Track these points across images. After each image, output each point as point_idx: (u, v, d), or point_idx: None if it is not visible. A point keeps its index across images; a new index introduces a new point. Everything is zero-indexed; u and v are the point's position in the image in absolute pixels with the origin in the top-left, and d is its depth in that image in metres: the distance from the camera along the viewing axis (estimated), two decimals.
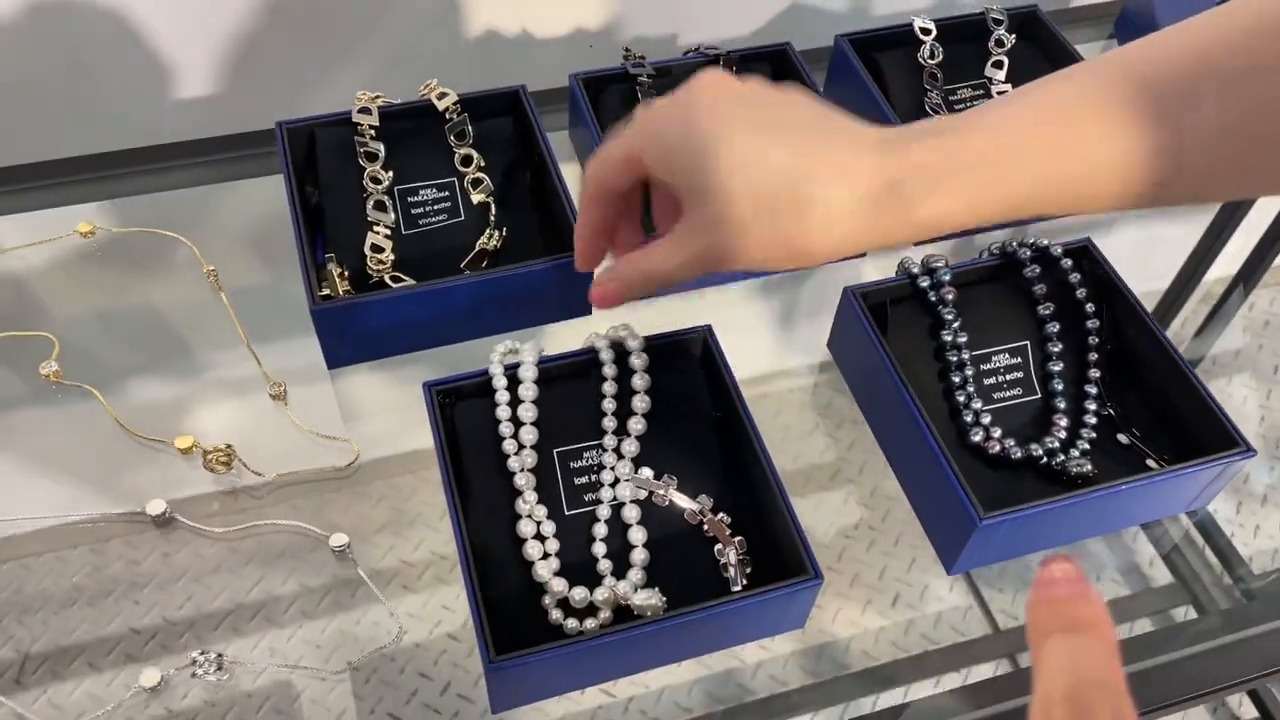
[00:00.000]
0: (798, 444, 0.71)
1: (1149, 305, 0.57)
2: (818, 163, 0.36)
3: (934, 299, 0.55)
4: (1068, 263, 0.57)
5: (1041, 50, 0.71)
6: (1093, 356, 0.56)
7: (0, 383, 0.61)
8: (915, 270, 0.56)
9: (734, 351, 0.54)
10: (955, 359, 0.55)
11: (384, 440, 0.60)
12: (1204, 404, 0.52)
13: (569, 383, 0.53)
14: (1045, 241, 0.57)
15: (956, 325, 0.55)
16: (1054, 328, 0.56)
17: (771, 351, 0.70)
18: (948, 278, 0.55)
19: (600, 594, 0.48)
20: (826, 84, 0.71)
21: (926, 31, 0.70)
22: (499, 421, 0.51)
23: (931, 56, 0.70)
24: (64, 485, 0.57)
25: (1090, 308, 0.56)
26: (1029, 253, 0.57)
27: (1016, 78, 0.70)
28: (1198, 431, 0.53)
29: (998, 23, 0.71)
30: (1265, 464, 0.66)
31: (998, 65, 0.70)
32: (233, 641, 0.53)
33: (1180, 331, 0.72)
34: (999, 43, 0.71)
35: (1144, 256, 0.81)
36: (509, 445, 0.50)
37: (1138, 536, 0.75)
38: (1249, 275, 0.73)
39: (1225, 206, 0.76)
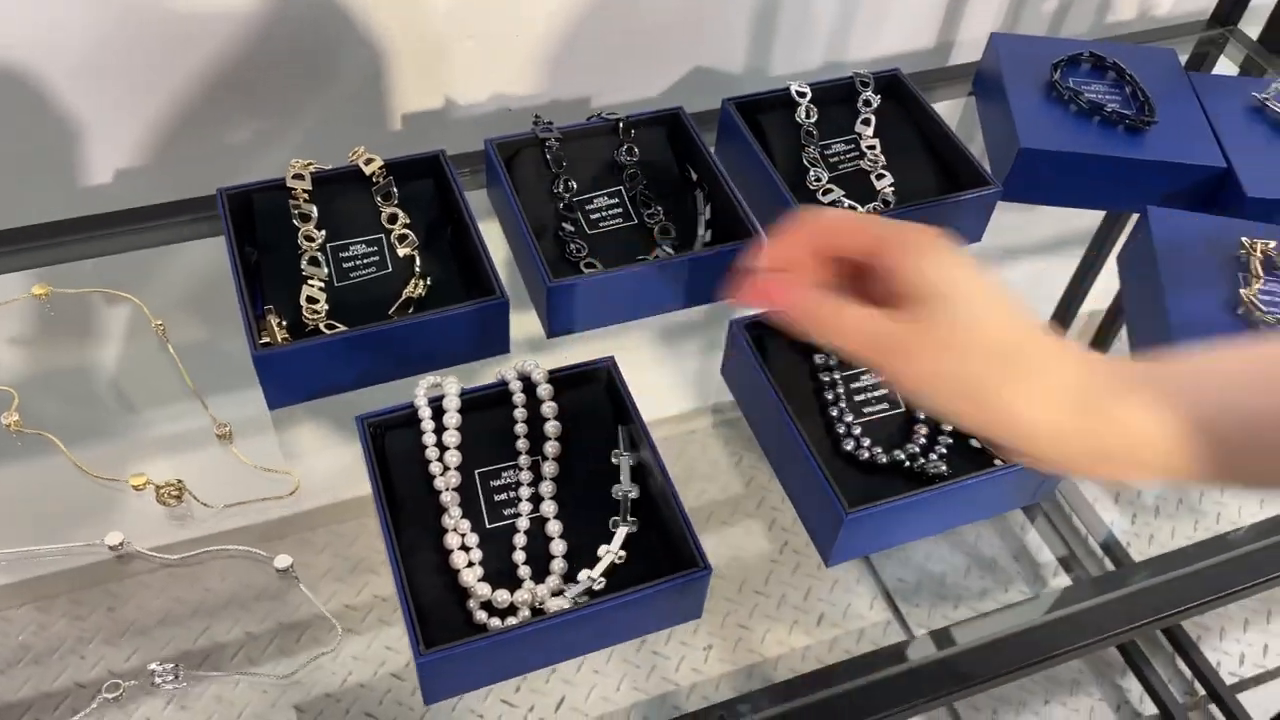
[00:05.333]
0: (726, 475, 0.77)
1: None
2: (1034, 353, 0.39)
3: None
4: None
5: (904, 108, 0.80)
6: None
7: None
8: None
9: (644, 389, 0.61)
10: (828, 379, 0.63)
11: (325, 488, 0.66)
12: None
13: (486, 412, 0.60)
14: None
15: (828, 350, 0.63)
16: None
17: (680, 389, 0.77)
18: None
19: (520, 596, 0.54)
20: (717, 143, 0.80)
21: (802, 94, 0.79)
22: (425, 447, 0.58)
23: (808, 116, 0.79)
24: (24, 524, 0.62)
25: None
26: None
27: (882, 133, 0.79)
28: None
29: (864, 85, 0.80)
30: None
31: (865, 123, 0.79)
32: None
33: None
34: (866, 103, 0.80)
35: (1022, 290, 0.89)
36: (435, 468, 0.57)
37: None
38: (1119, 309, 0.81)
39: (1096, 241, 0.84)
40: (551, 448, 0.59)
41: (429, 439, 0.58)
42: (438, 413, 0.58)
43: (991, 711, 1.31)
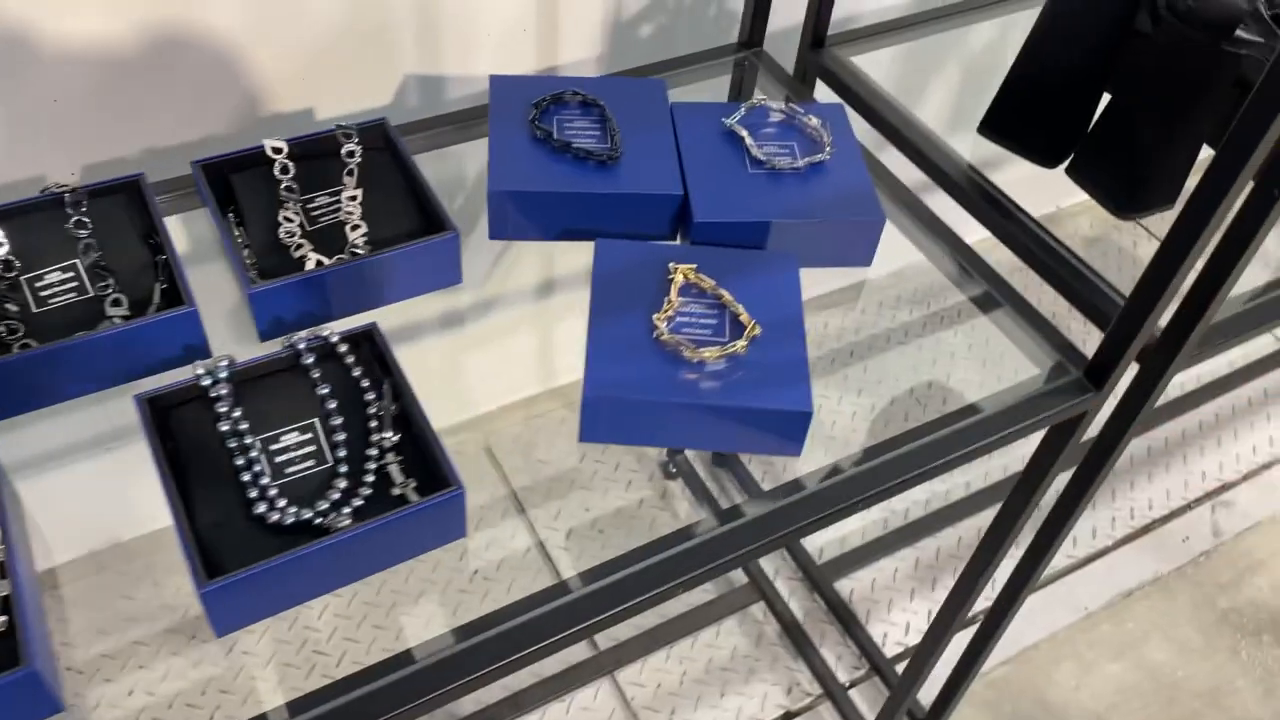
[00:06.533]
0: None
1: None
2: None
3: (213, 395, 0.64)
4: (344, 348, 0.67)
5: (389, 157, 0.82)
6: (373, 424, 0.66)
7: None
8: (200, 371, 0.64)
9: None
10: (237, 444, 0.64)
11: None
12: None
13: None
14: (326, 332, 0.68)
15: (237, 414, 0.64)
16: (333, 404, 0.66)
17: None
18: (224, 374, 0.64)
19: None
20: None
21: (278, 150, 0.79)
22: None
23: (285, 172, 0.79)
24: None
25: (366, 383, 0.67)
26: (304, 344, 0.67)
27: (367, 182, 0.80)
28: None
29: (348, 136, 0.81)
30: None
31: (350, 174, 0.81)
32: None
33: None
34: (350, 154, 0.81)
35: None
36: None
37: None
38: None
39: None
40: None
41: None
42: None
43: (670, 711, 1.36)
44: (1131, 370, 0.82)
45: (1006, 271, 0.91)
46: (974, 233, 0.93)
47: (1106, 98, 0.92)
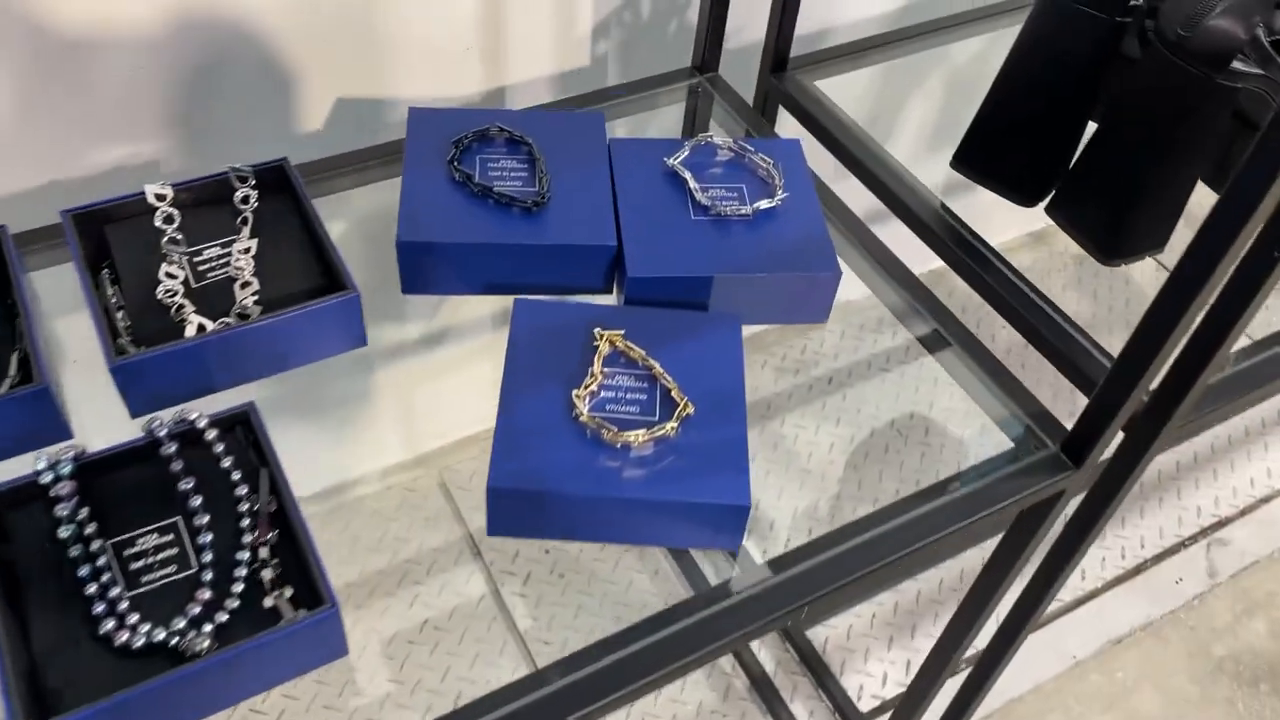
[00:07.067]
0: None
1: None
2: None
3: (54, 496, 0.55)
4: (213, 433, 0.58)
5: (289, 201, 0.74)
6: (245, 523, 0.58)
7: None
8: (40, 465, 0.56)
9: None
10: (82, 551, 0.55)
11: None
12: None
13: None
14: (194, 416, 0.59)
15: (83, 515, 0.55)
16: (199, 500, 0.57)
17: None
18: (68, 469, 0.56)
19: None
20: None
21: (161, 197, 0.71)
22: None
23: (169, 222, 0.71)
24: None
25: (238, 474, 0.58)
26: (166, 431, 0.58)
27: (261, 230, 0.72)
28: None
29: (242, 179, 0.73)
30: None
31: (244, 222, 0.72)
32: None
33: None
34: (245, 199, 0.73)
35: None
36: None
37: None
38: None
39: None
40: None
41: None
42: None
43: None
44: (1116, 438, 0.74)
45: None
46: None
47: (1091, 129, 0.84)
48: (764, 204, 0.74)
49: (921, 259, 0.88)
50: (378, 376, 1.30)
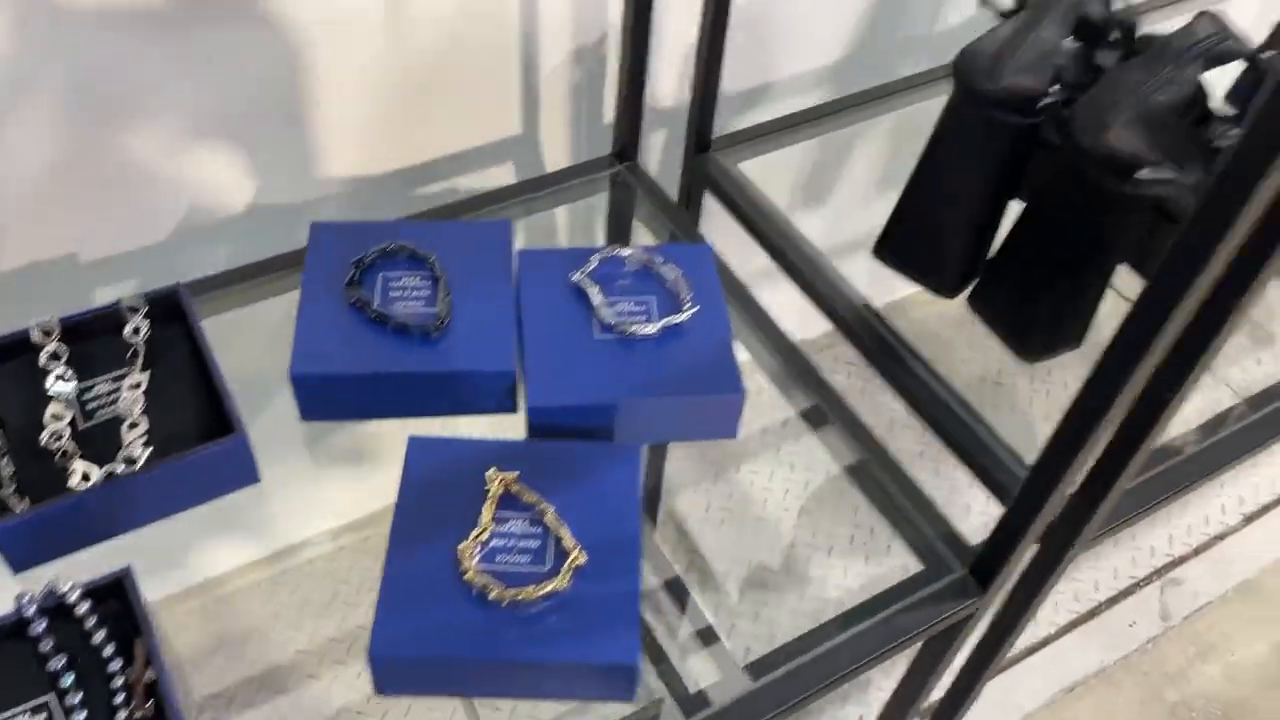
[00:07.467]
0: None
1: None
2: None
3: None
4: (85, 606, 0.57)
5: (183, 328, 0.72)
6: (118, 698, 0.56)
7: None
8: None
9: None
10: None
11: None
12: None
13: None
14: (66, 587, 0.58)
15: None
16: (70, 678, 0.56)
17: None
18: None
19: None
20: None
21: (48, 333, 0.69)
22: None
23: (56, 358, 0.69)
24: None
25: (111, 648, 0.57)
26: (35, 608, 0.57)
27: (154, 361, 0.70)
28: None
29: (134, 310, 0.71)
30: None
31: (135, 355, 0.70)
32: None
33: None
34: (136, 330, 0.71)
35: None
36: None
37: None
38: None
39: None
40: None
41: None
42: None
43: None
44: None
45: None
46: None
47: (1009, 221, 0.83)
48: (671, 319, 0.73)
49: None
50: (325, 436, 1.28)
